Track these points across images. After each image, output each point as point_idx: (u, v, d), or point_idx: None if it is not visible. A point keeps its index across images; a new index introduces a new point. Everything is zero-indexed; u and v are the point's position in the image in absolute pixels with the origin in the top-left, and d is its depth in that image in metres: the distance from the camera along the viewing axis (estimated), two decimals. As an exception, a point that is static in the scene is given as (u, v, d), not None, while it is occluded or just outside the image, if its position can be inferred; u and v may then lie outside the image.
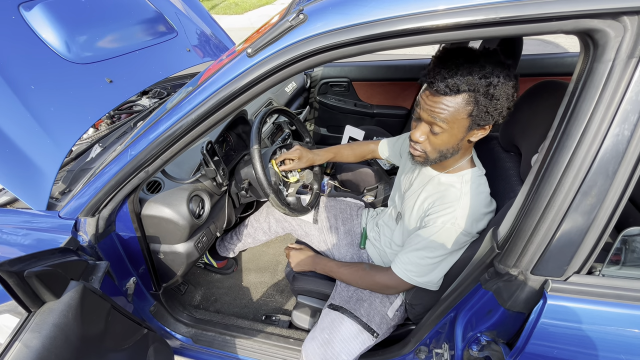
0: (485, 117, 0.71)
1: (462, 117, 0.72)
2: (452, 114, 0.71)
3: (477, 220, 0.81)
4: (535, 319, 0.59)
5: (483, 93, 0.68)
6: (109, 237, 0.94)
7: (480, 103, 0.69)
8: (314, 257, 1.13)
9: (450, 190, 0.84)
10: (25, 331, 0.58)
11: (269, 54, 0.62)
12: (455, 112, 0.71)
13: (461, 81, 0.67)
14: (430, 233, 0.83)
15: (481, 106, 0.69)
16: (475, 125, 0.74)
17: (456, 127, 0.74)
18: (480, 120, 0.72)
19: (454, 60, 0.69)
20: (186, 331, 1.24)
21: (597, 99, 0.48)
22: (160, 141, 0.77)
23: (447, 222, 0.80)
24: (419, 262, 0.86)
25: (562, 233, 0.55)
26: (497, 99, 0.68)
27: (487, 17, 0.49)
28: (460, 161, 0.86)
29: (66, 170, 1.09)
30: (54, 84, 0.98)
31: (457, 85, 0.68)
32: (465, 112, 0.71)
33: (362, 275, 0.98)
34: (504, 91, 0.68)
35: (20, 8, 1.00)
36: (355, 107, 2.10)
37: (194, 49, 1.49)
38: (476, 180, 0.85)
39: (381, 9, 0.53)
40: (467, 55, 0.70)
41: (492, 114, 0.71)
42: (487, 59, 0.69)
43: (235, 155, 1.29)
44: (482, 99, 0.69)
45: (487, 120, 0.72)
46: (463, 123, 0.73)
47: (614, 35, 0.46)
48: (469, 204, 0.81)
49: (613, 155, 0.49)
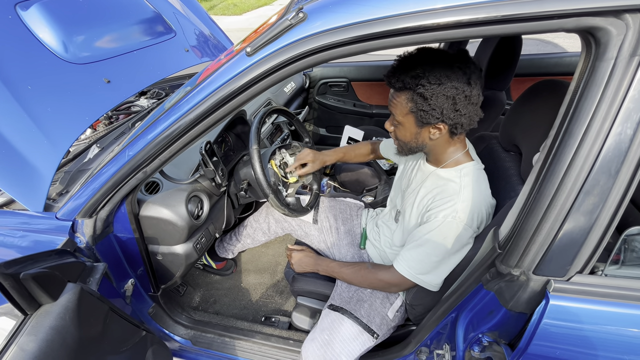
0: (425, 115, 0.76)
1: (405, 112, 0.78)
2: (398, 109, 0.79)
3: (478, 213, 0.81)
4: (538, 320, 0.58)
5: (416, 92, 0.74)
6: (107, 239, 0.93)
7: (416, 101, 0.75)
8: (315, 258, 1.12)
9: (449, 184, 0.84)
10: (22, 334, 0.58)
11: (268, 52, 0.61)
12: (400, 108, 0.79)
13: (396, 79, 0.76)
14: (432, 228, 0.82)
15: (418, 104, 0.75)
16: (421, 123, 0.78)
17: (405, 122, 0.81)
18: (422, 118, 0.77)
19: (403, 60, 0.77)
20: (185, 333, 1.23)
21: (599, 98, 0.48)
22: (159, 141, 0.76)
23: (447, 215, 0.80)
24: (421, 259, 0.85)
25: (565, 233, 0.54)
26: (430, 98, 0.73)
27: (488, 15, 0.48)
28: (453, 155, 0.86)
29: (64, 171, 1.09)
30: (51, 84, 0.97)
31: (393, 83, 0.77)
32: (407, 109, 0.77)
33: (365, 274, 0.97)
34: (438, 92, 0.72)
35: (17, 8, 1.00)
36: (354, 107, 2.10)
37: (192, 49, 1.48)
38: (475, 173, 0.85)
39: (381, 7, 0.53)
40: (416, 56, 0.76)
41: (432, 114, 0.75)
42: (431, 60, 0.74)
43: (234, 155, 1.28)
44: (417, 97, 0.74)
45: (428, 119, 0.76)
46: (409, 119, 0.79)
47: (616, 33, 0.46)
48: (469, 196, 0.81)
49: (616, 154, 0.49)
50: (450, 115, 0.75)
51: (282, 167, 1.20)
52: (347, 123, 1.89)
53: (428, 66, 0.73)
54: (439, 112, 0.74)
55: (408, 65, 0.75)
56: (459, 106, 0.74)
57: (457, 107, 0.74)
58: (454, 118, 0.76)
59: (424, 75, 0.72)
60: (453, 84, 0.72)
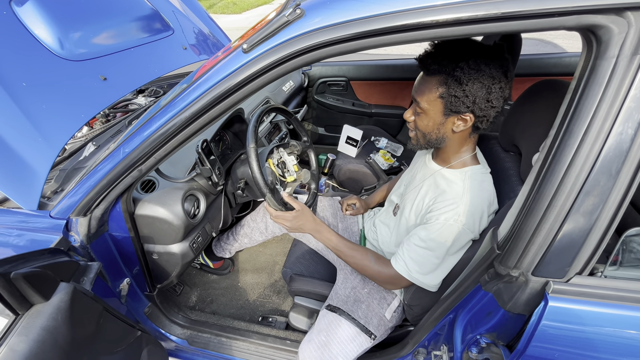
0: (455, 102, 0.73)
1: (433, 98, 0.75)
2: (426, 94, 0.76)
3: (480, 218, 0.80)
4: (537, 321, 0.57)
5: (451, 75, 0.71)
6: (102, 238, 0.92)
7: (449, 85, 0.72)
8: (316, 223, 0.98)
9: (452, 186, 0.83)
10: (12, 335, 0.57)
11: (265, 49, 0.60)
12: (429, 93, 0.75)
13: (433, 61, 0.73)
14: (433, 230, 0.81)
15: (451, 89, 0.72)
16: (449, 112, 0.75)
17: (432, 109, 0.77)
18: (451, 105, 0.74)
19: (440, 45, 0.75)
20: (181, 333, 1.22)
21: (600, 97, 0.47)
22: (154, 139, 0.75)
23: (449, 218, 0.79)
24: (420, 260, 0.84)
25: (564, 234, 0.54)
26: (466, 84, 0.70)
27: (488, 12, 0.48)
28: (462, 155, 0.85)
29: (59, 169, 1.07)
30: (46, 81, 0.96)
31: (428, 65, 0.74)
32: (437, 94, 0.74)
33: (367, 264, 0.93)
34: (475, 78, 0.70)
35: (12, 4, 0.98)
36: (353, 106, 2.09)
37: (190, 47, 1.47)
38: (479, 177, 0.84)
39: (379, 4, 0.52)
40: (454, 43, 0.74)
41: (464, 101, 0.72)
42: (470, 48, 0.72)
43: (231, 154, 1.27)
44: (452, 82, 0.72)
45: (458, 106, 0.73)
46: (437, 105, 0.76)
47: (617, 32, 0.45)
48: (472, 201, 0.79)
49: (616, 154, 0.48)
50: (481, 106, 0.72)
51: (280, 166, 1.19)
52: (346, 122, 1.88)
53: (467, 52, 0.71)
54: (471, 100, 0.71)
55: (446, 50, 0.73)
56: (492, 97, 0.71)
57: (490, 98, 0.71)
58: (485, 109, 0.73)
59: (462, 60, 0.70)
60: (491, 72, 0.69)
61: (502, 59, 0.71)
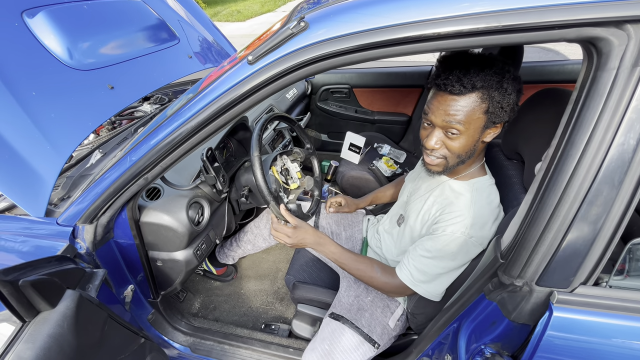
0: (500, 113, 0.71)
1: (477, 115, 0.71)
2: (468, 114, 0.71)
3: (488, 230, 0.79)
4: (541, 331, 0.57)
5: (497, 88, 0.69)
6: (107, 245, 0.93)
7: (494, 99, 0.70)
8: (317, 236, 0.96)
9: (460, 198, 0.82)
10: (19, 342, 0.57)
11: (269, 61, 0.61)
12: (471, 112, 0.71)
13: (476, 78, 0.68)
14: (440, 242, 0.81)
15: (495, 102, 0.70)
16: (490, 124, 0.74)
17: (472, 128, 0.73)
18: (495, 118, 0.72)
19: (462, 60, 0.71)
20: (184, 340, 1.22)
21: (601, 108, 0.48)
22: (160, 148, 0.76)
23: (456, 231, 0.79)
24: (425, 270, 0.83)
25: (568, 243, 0.54)
26: (510, 93, 0.70)
27: (489, 25, 0.49)
28: (472, 167, 0.85)
29: (66, 176, 1.09)
30: (55, 90, 0.98)
31: (472, 83, 0.68)
32: (481, 110, 0.71)
33: (373, 276, 0.92)
34: (514, 85, 0.70)
35: (24, 15, 1.01)
36: (356, 113, 2.11)
37: (195, 56, 1.49)
38: (487, 189, 0.83)
39: (382, 16, 0.53)
40: (471, 56, 0.72)
41: (506, 109, 0.71)
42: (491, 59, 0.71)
43: (235, 161, 1.28)
44: (496, 94, 0.69)
45: (501, 116, 0.72)
46: (479, 122, 0.72)
47: (617, 44, 0.46)
48: (480, 213, 0.79)
49: (619, 164, 0.48)
50: (515, 110, 0.73)
51: (284, 174, 1.20)
52: (349, 129, 1.89)
53: (500, 62, 0.70)
54: (511, 108, 0.71)
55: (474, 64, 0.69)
56: (519, 99, 0.73)
57: (518, 101, 0.73)
58: (513, 113, 0.73)
59: (504, 70, 0.69)
60: (519, 79, 0.71)
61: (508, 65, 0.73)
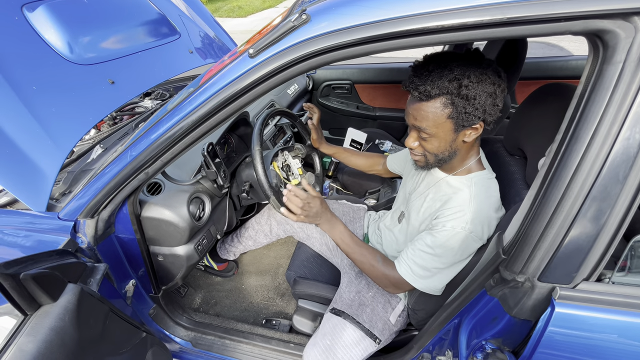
0: (467, 117, 0.72)
1: (442, 120, 0.73)
2: (432, 119, 0.73)
3: (488, 225, 0.79)
4: (543, 327, 0.57)
5: (457, 94, 0.69)
6: (109, 239, 0.93)
7: (457, 105, 0.70)
8: (332, 215, 0.93)
9: (459, 193, 0.82)
10: (21, 335, 0.57)
11: (271, 54, 0.61)
12: (434, 117, 0.73)
13: (432, 86, 0.69)
14: (440, 237, 0.80)
15: (459, 107, 0.70)
16: (461, 127, 0.74)
17: (441, 131, 0.75)
18: (463, 122, 0.73)
19: (426, 67, 0.72)
20: (185, 335, 1.22)
21: (607, 102, 0.47)
22: (161, 142, 0.76)
23: (456, 226, 0.78)
24: (425, 265, 0.83)
25: (571, 239, 0.53)
26: (474, 98, 0.69)
27: (493, 17, 0.48)
28: (467, 162, 0.85)
29: (67, 171, 1.09)
30: (56, 84, 0.98)
31: (428, 91, 0.70)
32: (445, 115, 0.72)
33: (374, 265, 0.90)
34: (480, 89, 0.69)
35: (24, 9, 1.01)
36: (357, 109, 2.10)
37: (196, 51, 1.49)
38: (485, 183, 0.83)
39: (385, 9, 0.52)
40: (439, 61, 0.71)
41: (475, 114, 0.71)
42: (459, 61, 0.70)
43: (236, 157, 1.28)
44: (458, 100, 0.70)
45: (471, 120, 0.72)
46: (446, 126, 0.74)
47: (624, 36, 0.45)
48: (480, 207, 0.79)
49: (624, 159, 0.48)
50: (491, 112, 0.72)
51: (285, 170, 1.20)
52: (350, 125, 1.89)
53: (460, 67, 0.69)
54: (482, 110, 0.71)
55: (436, 70, 0.70)
56: (498, 100, 0.72)
57: (496, 102, 0.72)
58: (493, 114, 0.73)
59: (464, 76, 0.68)
60: (491, 79, 0.69)
61: (489, 62, 0.72)
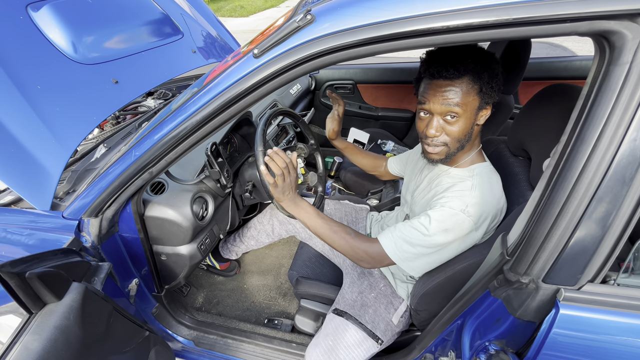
0: (490, 93, 0.77)
1: (472, 97, 0.76)
2: (463, 96, 0.75)
3: (486, 216, 0.78)
4: (547, 329, 0.57)
5: (485, 69, 0.75)
6: (112, 238, 0.93)
7: (484, 79, 0.75)
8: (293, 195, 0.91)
9: (462, 182, 0.81)
10: (26, 333, 0.58)
11: (275, 54, 0.61)
12: (466, 93, 0.75)
13: (467, 62, 0.74)
14: (437, 216, 0.77)
15: (485, 82, 0.75)
16: (483, 104, 0.78)
17: (469, 109, 0.77)
18: (487, 98, 0.77)
19: (443, 53, 0.77)
20: (188, 334, 1.23)
21: (613, 103, 0.47)
22: (165, 142, 0.76)
23: (456, 207, 0.76)
24: (412, 241, 0.79)
25: (576, 240, 0.53)
26: (497, 74, 0.76)
27: (498, 18, 0.48)
28: (470, 153, 0.86)
29: (71, 170, 1.09)
30: (60, 84, 0.98)
31: (464, 66, 0.73)
32: (475, 91, 0.75)
33: (346, 239, 0.86)
34: (499, 69, 0.77)
35: (28, 9, 1.01)
36: (359, 109, 2.10)
37: (199, 51, 1.49)
38: (488, 174, 0.83)
39: (390, 9, 0.52)
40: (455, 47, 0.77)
41: (495, 89, 0.77)
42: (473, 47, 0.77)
43: (239, 156, 1.28)
44: (485, 75, 0.75)
45: (492, 96, 0.77)
46: (474, 103, 0.77)
47: (631, 37, 0.45)
48: (482, 196, 0.78)
49: (630, 160, 0.47)
50: (499, 91, 0.78)
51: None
52: (353, 125, 1.88)
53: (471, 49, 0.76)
54: (498, 87, 0.77)
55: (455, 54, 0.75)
56: (502, 80, 0.78)
57: (501, 82, 0.78)
58: (499, 94, 0.79)
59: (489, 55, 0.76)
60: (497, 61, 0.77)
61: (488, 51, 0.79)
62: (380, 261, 0.84)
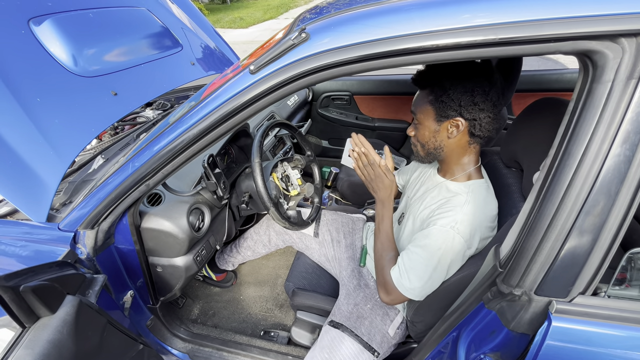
0: (443, 106, 0.80)
1: (426, 106, 0.83)
2: (420, 106, 0.85)
3: (477, 232, 0.79)
4: (540, 341, 0.57)
5: (438, 85, 0.81)
6: (108, 250, 0.93)
7: (436, 93, 0.81)
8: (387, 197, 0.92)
9: (456, 197, 0.83)
10: (19, 347, 0.57)
11: (271, 71, 0.62)
12: (421, 103, 0.84)
13: (423, 78, 0.84)
14: (426, 235, 0.81)
15: (437, 94, 0.81)
16: (440, 117, 0.82)
17: (425, 118, 0.84)
18: (441, 111, 0.81)
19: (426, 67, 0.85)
20: (183, 346, 1.21)
21: (597, 119, 0.48)
22: (162, 155, 0.77)
23: (446, 224, 0.78)
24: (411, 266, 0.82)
25: (566, 253, 0.54)
26: (449, 88, 0.79)
27: (486, 37, 0.50)
28: (466, 168, 0.87)
29: (68, 182, 1.10)
30: (59, 96, 0.99)
31: (420, 82, 0.84)
32: (427, 102, 0.83)
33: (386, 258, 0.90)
34: (457, 84, 0.78)
35: (30, 23, 1.03)
36: (356, 120, 2.12)
37: (198, 63, 1.51)
38: (483, 191, 0.84)
39: (383, 28, 0.54)
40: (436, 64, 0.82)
41: (450, 105, 0.79)
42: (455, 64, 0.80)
43: (236, 168, 1.29)
44: (437, 89, 0.81)
45: (447, 110, 0.80)
46: (429, 113, 0.83)
47: (612, 57, 0.46)
48: (473, 211, 0.79)
49: (615, 175, 0.49)
50: (468, 108, 0.78)
51: (284, 180, 1.21)
52: (349, 136, 1.90)
53: (452, 66, 0.81)
54: (457, 103, 0.78)
55: (437, 67, 0.83)
56: (477, 99, 0.77)
57: (476, 101, 0.77)
58: (472, 112, 0.78)
59: (446, 71, 0.80)
60: (472, 79, 0.78)
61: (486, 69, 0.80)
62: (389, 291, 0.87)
